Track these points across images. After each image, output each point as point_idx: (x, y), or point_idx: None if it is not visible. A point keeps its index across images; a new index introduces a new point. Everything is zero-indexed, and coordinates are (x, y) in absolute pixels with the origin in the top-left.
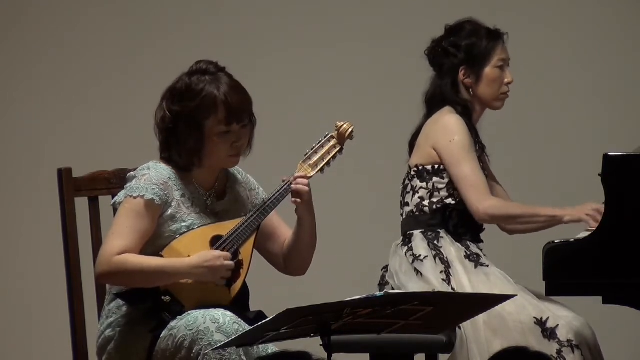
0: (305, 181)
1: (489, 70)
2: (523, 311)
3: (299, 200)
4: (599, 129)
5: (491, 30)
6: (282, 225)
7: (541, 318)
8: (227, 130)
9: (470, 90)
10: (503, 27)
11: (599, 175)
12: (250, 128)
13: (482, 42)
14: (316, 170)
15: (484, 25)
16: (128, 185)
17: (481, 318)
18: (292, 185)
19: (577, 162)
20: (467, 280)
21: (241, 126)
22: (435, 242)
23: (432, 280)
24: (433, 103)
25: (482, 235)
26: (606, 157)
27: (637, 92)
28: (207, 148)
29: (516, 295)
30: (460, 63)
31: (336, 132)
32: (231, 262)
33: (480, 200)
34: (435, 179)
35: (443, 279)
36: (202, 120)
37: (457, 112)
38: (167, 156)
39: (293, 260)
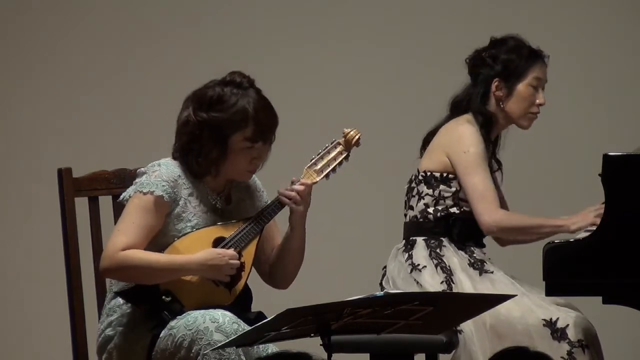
0: (300, 187)
1: (521, 87)
2: (530, 314)
3: (288, 201)
4: (599, 129)
5: (533, 49)
6: (278, 234)
7: (550, 319)
8: (251, 146)
9: (500, 103)
10: (502, 28)
11: (599, 175)
12: (270, 146)
13: (522, 59)
14: (321, 176)
15: (528, 44)
16: (138, 180)
17: (488, 322)
18: (286, 191)
19: (577, 162)
20: (473, 289)
21: (264, 144)
22: (438, 250)
23: (431, 290)
24: (458, 108)
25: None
26: (606, 157)
27: (637, 92)
28: (227, 161)
29: (516, 295)
30: (495, 75)
31: (343, 139)
32: (237, 261)
33: (490, 212)
34: (442, 186)
35: (444, 289)
36: (229, 134)
37: (476, 121)
38: (182, 160)
39: (277, 270)
